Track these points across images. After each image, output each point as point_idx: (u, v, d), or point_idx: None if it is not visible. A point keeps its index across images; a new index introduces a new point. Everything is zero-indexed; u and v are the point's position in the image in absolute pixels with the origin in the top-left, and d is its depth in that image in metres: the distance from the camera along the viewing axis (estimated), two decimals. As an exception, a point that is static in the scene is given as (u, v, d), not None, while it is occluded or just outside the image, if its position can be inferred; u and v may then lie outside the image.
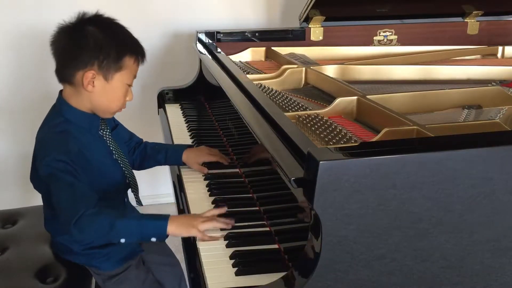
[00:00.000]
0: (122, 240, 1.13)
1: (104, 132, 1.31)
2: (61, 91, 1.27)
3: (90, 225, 1.11)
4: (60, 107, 1.25)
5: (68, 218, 1.10)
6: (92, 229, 1.12)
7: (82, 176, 1.17)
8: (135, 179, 1.40)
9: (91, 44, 1.19)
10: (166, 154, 1.47)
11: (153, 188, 2.51)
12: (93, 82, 1.20)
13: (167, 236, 1.13)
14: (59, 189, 1.15)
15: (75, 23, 1.22)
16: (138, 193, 1.40)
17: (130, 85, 1.26)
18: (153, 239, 1.14)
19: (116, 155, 1.32)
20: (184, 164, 1.46)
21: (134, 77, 1.27)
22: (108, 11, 1.29)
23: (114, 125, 1.40)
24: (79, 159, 1.18)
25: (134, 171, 1.42)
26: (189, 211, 1.23)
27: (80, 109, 1.24)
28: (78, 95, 1.23)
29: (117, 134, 1.38)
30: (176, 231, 1.11)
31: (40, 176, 1.20)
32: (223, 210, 1.18)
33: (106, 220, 1.11)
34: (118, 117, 1.40)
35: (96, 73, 1.19)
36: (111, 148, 1.32)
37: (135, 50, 1.25)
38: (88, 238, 1.17)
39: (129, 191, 1.39)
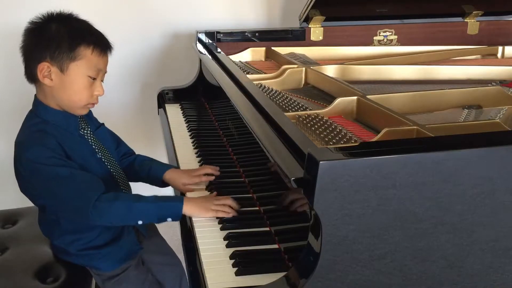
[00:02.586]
0: (140, 222, 1.18)
1: (85, 131, 1.30)
2: (36, 94, 1.27)
3: (109, 209, 1.16)
4: (36, 108, 1.25)
5: (83, 206, 1.14)
6: (111, 213, 1.17)
7: (73, 164, 1.19)
8: (125, 178, 1.39)
9: (44, 37, 1.19)
10: (150, 170, 1.42)
11: (153, 189, 2.51)
12: (50, 75, 1.19)
13: (181, 216, 1.19)
14: (60, 184, 1.16)
15: (38, 23, 1.22)
16: (130, 192, 1.40)
17: (94, 78, 1.22)
18: (169, 219, 1.19)
19: (100, 154, 1.31)
20: (164, 185, 1.41)
21: (101, 70, 1.24)
22: (108, 12, 1.30)
23: (99, 125, 1.39)
24: (62, 153, 1.19)
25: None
26: (189, 211, 1.23)
27: (53, 107, 1.24)
28: (44, 92, 1.23)
29: (102, 133, 1.37)
30: (190, 212, 1.18)
31: (24, 177, 1.21)
32: (237, 207, 1.20)
33: (124, 203, 1.17)
34: (118, 116, 1.40)
35: (50, 65, 1.18)
36: (94, 146, 1.31)
37: (92, 40, 1.21)
38: (106, 222, 1.20)
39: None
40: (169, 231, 1.66)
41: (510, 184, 0.88)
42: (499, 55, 2.03)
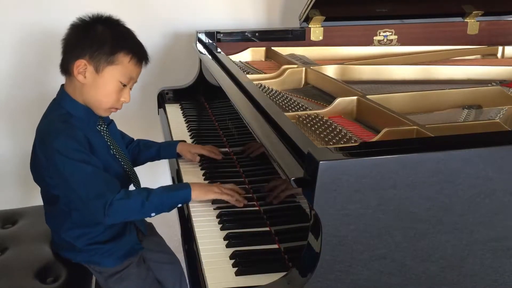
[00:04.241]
0: (153, 214, 1.21)
1: (102, 128, 1.33)
2: (62, 85, 1.30)
3: (122, 209, 1.18)
4: (61, 100, 1.28)
5: (99, 208, 1.16)
6: (125, 212, 1.20)
7: (97, 161, 1.21)
8: (135, 173, 1.41)
9: (90, 36, 1.23)
10: (160, 148, 1.52)
11: (152, 183, 2.51)
12: (85, 73, 1.22)
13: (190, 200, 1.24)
14: (81, 181, 1.18)
15: (86, 21, 1.26)
16: (139, 186, 1.41)
17: (125, 85, 1.26)
18: (179, 205, 1.25)
19: (114, 150, 1.34)
20: (178, 156, 1.52)
21: (132, 79, 1.28)
22: (107, 12, 1.30)
23: (109, 121, 1.41)
24: (87, 147, 1.22)
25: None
26: (189, 212, 1.23)
27: (79, 102, 1.27)
28: (74, 87, 1.26)
29: (113, 129, 1.40)
30: (197, 195, 1.22)
31: (44, 165, 1.22)
32: (242, 195, 1.24)
33: (136, 201, 1.19)
34: (118, 116, 1.40)
35: (87, 63, 1.22)
36: (108, 143, 1.33)
37: (133, 49, 1.26)
38: (121, 220, 1.25)
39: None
40: (169, 231, 1.66)
41: (510, 184, 0.88)
42: (499, 55, 2.03)
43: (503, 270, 0.93)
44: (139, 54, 1.28)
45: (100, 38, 1.23)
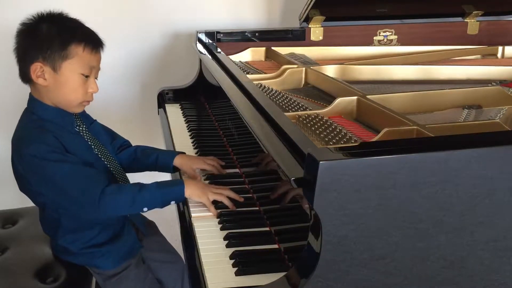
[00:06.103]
0: (145, 209, 1.21)
1: (81, 128, 1.31)
2: (31, 93, 1.28)
3: (114, 202, 1.18)
4: (32, 106, 1.26)
5: (89, 202, 1.16)
6: (116, 206, 1.20)
7: (74, 158, 1.19)
8: (123, 173, 1.40)
9: (37, 38, 1.20)
10: (157, 158, 1.44)
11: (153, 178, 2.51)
12: (44, 75, 1.20)
13: (184, 198, 1.23)
14: (64, 181, 1.17)
15: (30, 24, 1.23)
16: None
17: (86, 75, 1.23)
18: (172, 202, 1.23)
19: (96, 150, 1.32)
20: (174, 170, 1.43)
21: (94, 67, 1.25)
22: (108, 12, 1.30)
23: (92, 121, 1.39)
24: (61, 148, 1.19)
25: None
26: (189, 212, 1.23)
27: (49, 105, 1.24)
28: (40, 92, 1.24)
29: (96, 129, 1.38)
30: (190, 193, 1.22)
31: (24, 175, 1.21)
32: (238, 198, 1.23)
33: (128, 194, 1.19)
34: (118, 116, 1.40)
35: (43, 64, 1.19)
36: (90, 143, 1.31)
37: (83, 38, 1.22)
38: (112, 214, 1.25)
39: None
40: (169, 231, 1.66)
41: (510, 184, 0.88)
42: (499, 55, 2.03)
43: (503, 270, 0.93)
44: (91, 41, 1.24)
45: (47, 37, 1.19)
